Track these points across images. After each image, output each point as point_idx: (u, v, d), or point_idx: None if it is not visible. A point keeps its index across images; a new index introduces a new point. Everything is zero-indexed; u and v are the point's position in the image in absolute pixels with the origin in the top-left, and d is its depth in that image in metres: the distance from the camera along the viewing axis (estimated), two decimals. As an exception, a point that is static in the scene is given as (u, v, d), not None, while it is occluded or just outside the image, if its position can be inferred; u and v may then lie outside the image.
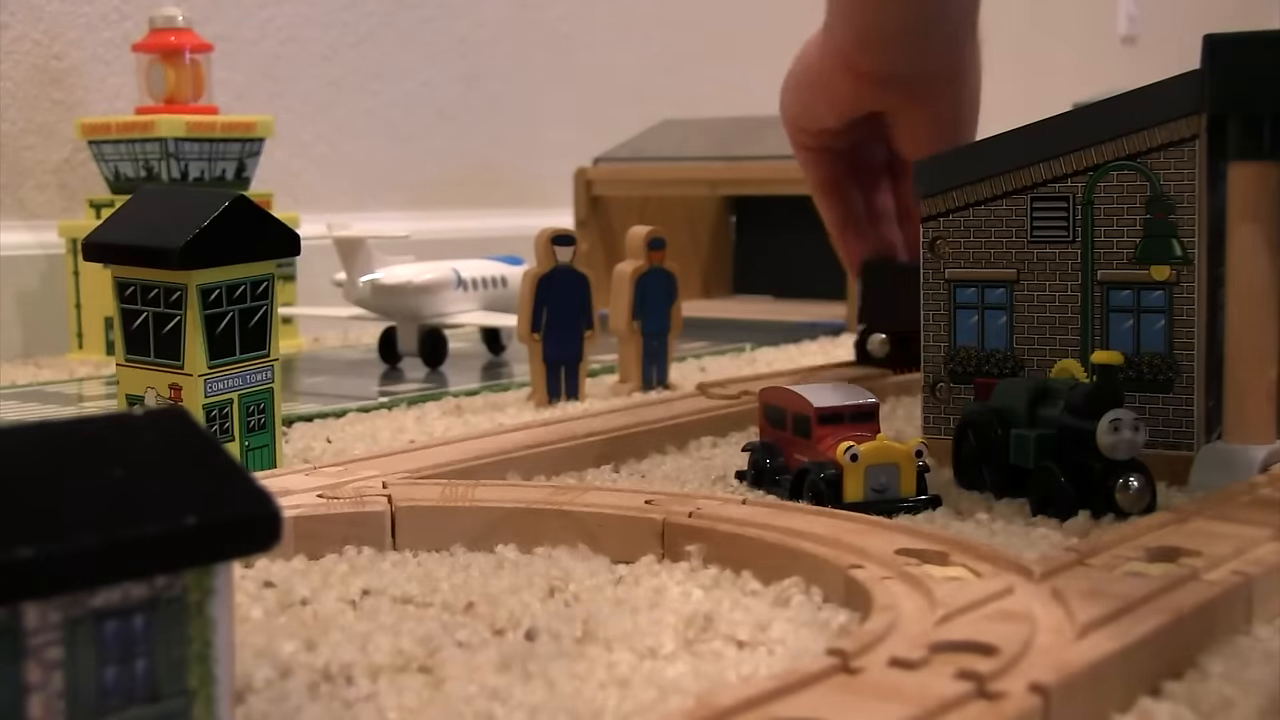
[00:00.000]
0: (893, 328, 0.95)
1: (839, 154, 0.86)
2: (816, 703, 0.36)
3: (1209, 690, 0.41)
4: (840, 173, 0.86)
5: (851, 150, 0.86)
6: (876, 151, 0.87)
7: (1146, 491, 0.61)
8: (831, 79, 0.78)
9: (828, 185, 0.87)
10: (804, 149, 0.87)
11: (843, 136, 0.84)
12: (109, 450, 0.32)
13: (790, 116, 0.85)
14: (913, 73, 0.76)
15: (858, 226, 0.87)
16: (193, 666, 0.32)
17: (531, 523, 0.59)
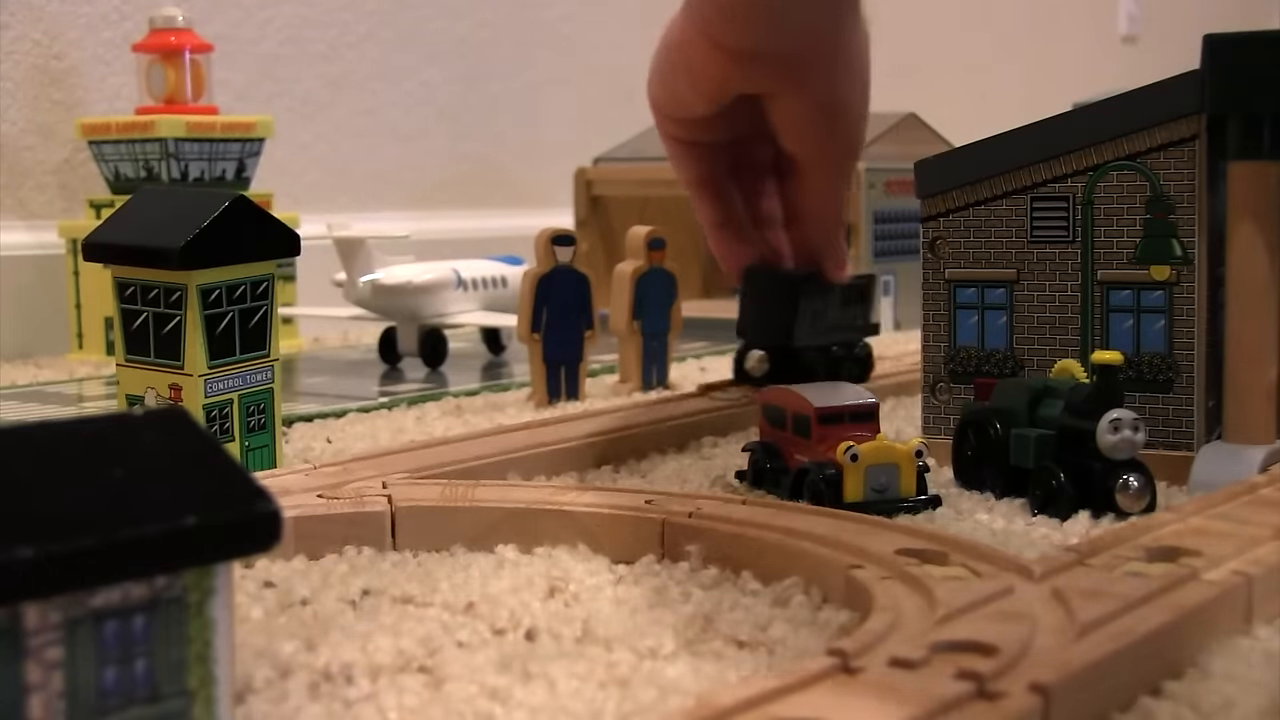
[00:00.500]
0: (773, 343, 0.84)
1: (716, 150, 0.76)
2: (816, 703, 0.36)
3: (1209, 690, 0.41)
4: (717, 170, 0.76)
5: (733, 148, 0.76)
6: (761, 150, 0.77)
7: (1146, 491, 0.61)
8: (693, 55, 0.69)
9: (701, 183, 0.77)
10: (673, 140, 0.76)
11: (717, 128, 0.74)
12: (109, 450, 0.32)
13: (654, 103, 0.76)
14: (782, 50, 0.67)
15: (737, 229, 0.77)
16: (193, 667, 0.32)
17: (531, 523, 0.59)
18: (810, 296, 0.79)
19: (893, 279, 1.41)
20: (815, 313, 0.80)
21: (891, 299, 1.41)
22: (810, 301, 0.79)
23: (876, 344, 0.93)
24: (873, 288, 0.89)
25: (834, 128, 0.71)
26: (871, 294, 0.89)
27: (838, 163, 0.72)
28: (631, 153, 1.58)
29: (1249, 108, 0.66)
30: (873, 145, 1.42)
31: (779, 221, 0.80)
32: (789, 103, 0.69)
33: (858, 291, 0.86)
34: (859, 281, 0.86)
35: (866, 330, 0.90)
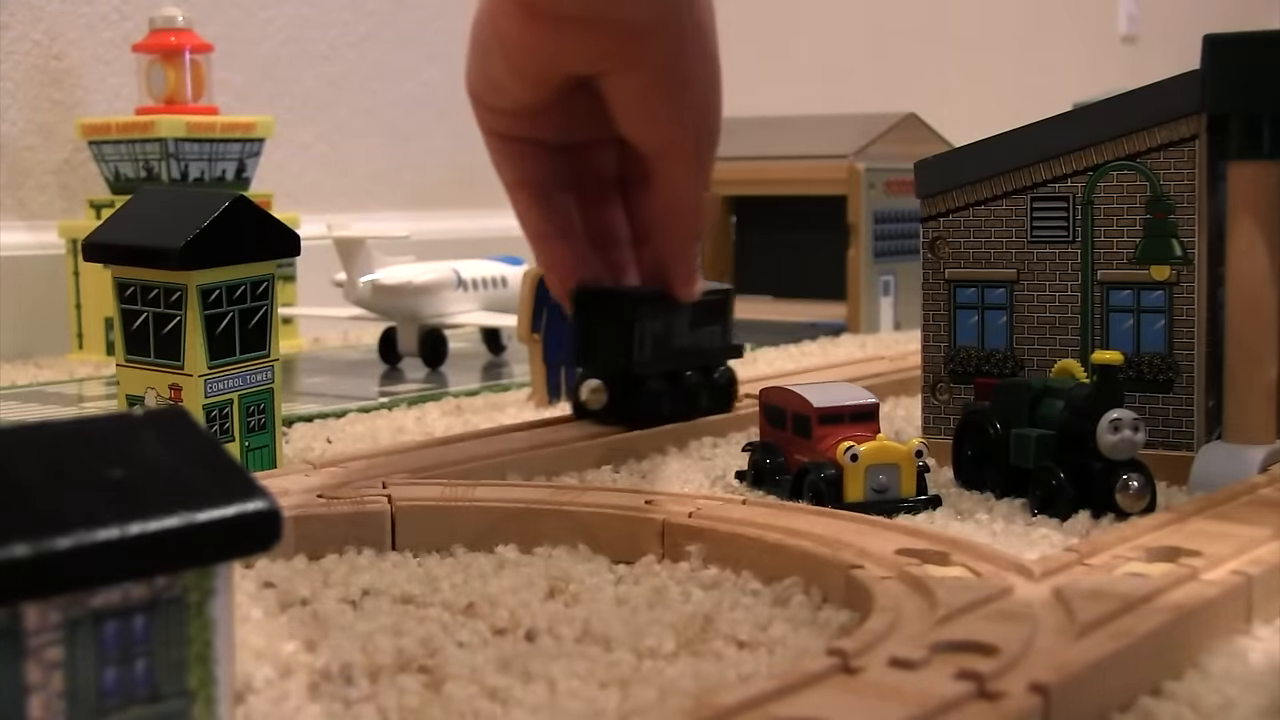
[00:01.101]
0: (609, 371, 0.76)
1: (546, 151, 0.66)
2: (816, 703, 0.36)
3: (1209, 690, 0.41)
4: (546, 174, 0.67)
5: (571, 154, 0.67)
6: (605, 159, 0.68)
7: (1146, 491, 0.61)
8: (506, 28, 0.60)
9: (523, 186, 0.67)
10: (494, 135, 0.66)
11: (547, 125, 0.65)
12: (109, 450, 0.32)
13: (470, 91, 0.66)
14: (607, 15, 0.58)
15: (569, 242, 0.67)
16: (193, 667, 0.32)
17: (531, 523, 0.59)
18: (652, 317, 0.72)
19: (893, 279, 1.41)
20: (659, 335, 0.72)
21: (891, 299, 1.41)
22: (651, 322, 0.72)
23: (877, 342, 0.92)
24: (729, 304, 0.80)
25: (679, 107, 0.62)
26: (729, 311, 0.80)
27: (688, 152, 0.63)
28: (631, 153, 1.58)
29: (1249, 108, 0.66)
30: (873, 145, 1.42)
31: (625, 239, 0.70)
32: (623, 80, 0.60)
33: (711, 309, 0.78)
34: (713, 297, 0.78)
35: (727, 353, 0.81)
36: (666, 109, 0.61)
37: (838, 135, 1.47)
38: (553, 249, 0.67)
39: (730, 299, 0.80)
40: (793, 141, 1.50)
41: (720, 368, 0.81)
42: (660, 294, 0.68)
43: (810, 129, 1.54)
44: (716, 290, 0.79)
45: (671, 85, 0.61)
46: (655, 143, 0.63)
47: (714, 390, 0.81)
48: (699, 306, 0.74)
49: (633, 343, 0.70)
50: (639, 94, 0.61)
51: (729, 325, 0.80)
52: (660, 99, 0.61)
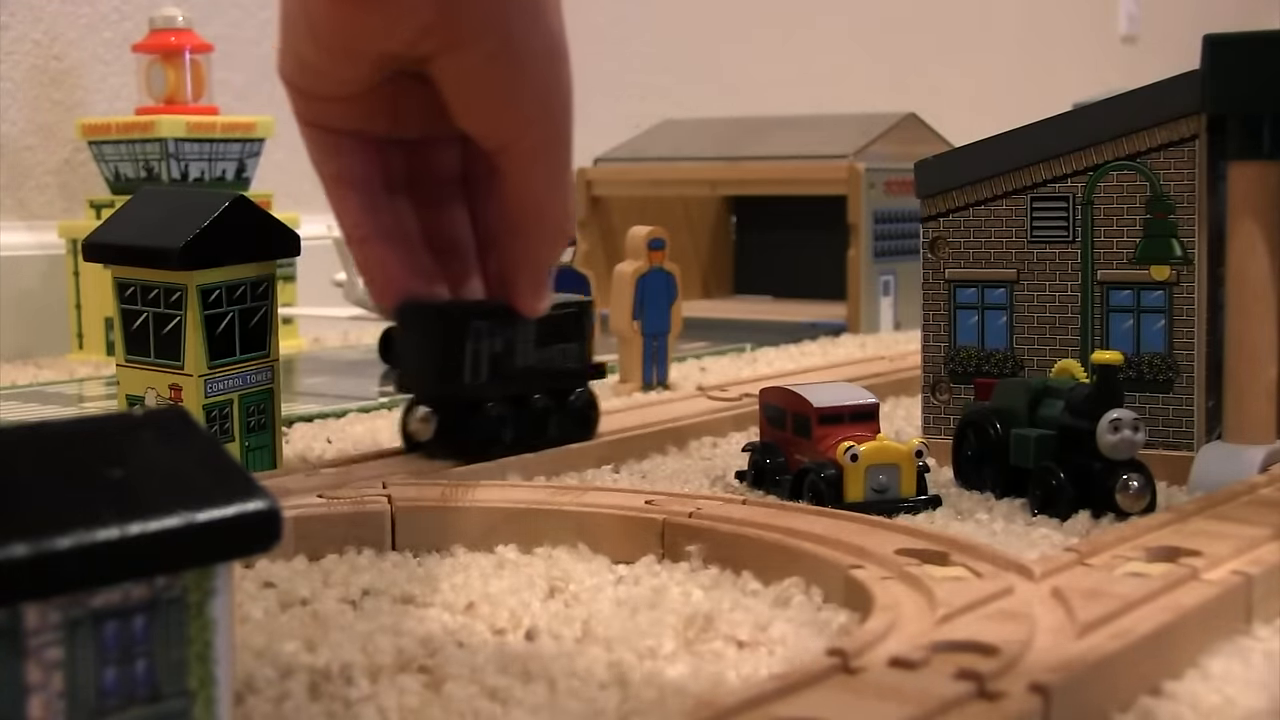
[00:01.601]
0: (436, 395, 0.68)
1: (373, 145, 0.59)
2: (816, 703, 0.36)
3: (1209, 690, 0.41)
4: (370, 169, 0.60)
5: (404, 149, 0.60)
6: (444, 157, 0.62)
7: (1146, 491, 0.61)
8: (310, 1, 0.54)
9: (343, 181, 0.59)
10: (309, 125, 0.60)
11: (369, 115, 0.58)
12: (109, 450, 0.32)
13: (280, 72, 0.60)
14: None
15: (396, 247, 0.60)
16: (193, 667, 0.32)
17: (531, 523, 0.58)
18: (489, 333, 0.64)
19: (893, 279, 1.41)
20: (497, 355, 0.65)
21: (891, 299, 1.41)
22: (488, 340, 0.65)
23: (877, 342, 0.91)
24: (586, 319, 0.72)
25: (517, 92, 0.55)
26: (586, 327, 0.72)
27: (533, 145, 0.57)
28: (631, 153, 1.58)
29: (1249, 108, 0.66)
30: (873, 145, 1.43)
31: (469, 249, 0.63)
32: (450, 62, 0.53)
33: (564, 325, 0.70)
34: (566, 311, 0.70)
35: (585, 374, 0.73)
36: (502, 95, 0.55)
37: (838, 135, 1.47)
38: (374, 254, 0.60)
39: (588, 313, 0.72)
40: (793, 141, 1.50)
41: (577, 390, 0.72)
42: (502, 308, 0.62)
43: (810, 129, 1.54)
44: (571, 303, 0.71)
45: (505, 67, 0.54)
46: (494, 135, 0.56)
47: (568, 415, 0.72)
48: (549, 322, 0.67)
49: (463, 363, 0.63)
50: (469, 78, 0.54)
51: (588, 342, 0.72)
52: (494, 83, 0.54)
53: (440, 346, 0.63)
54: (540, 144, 0.57)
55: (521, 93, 0.55)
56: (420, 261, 0.61)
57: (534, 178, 0.58)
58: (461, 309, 0.63)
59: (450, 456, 0.67)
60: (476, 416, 0.67)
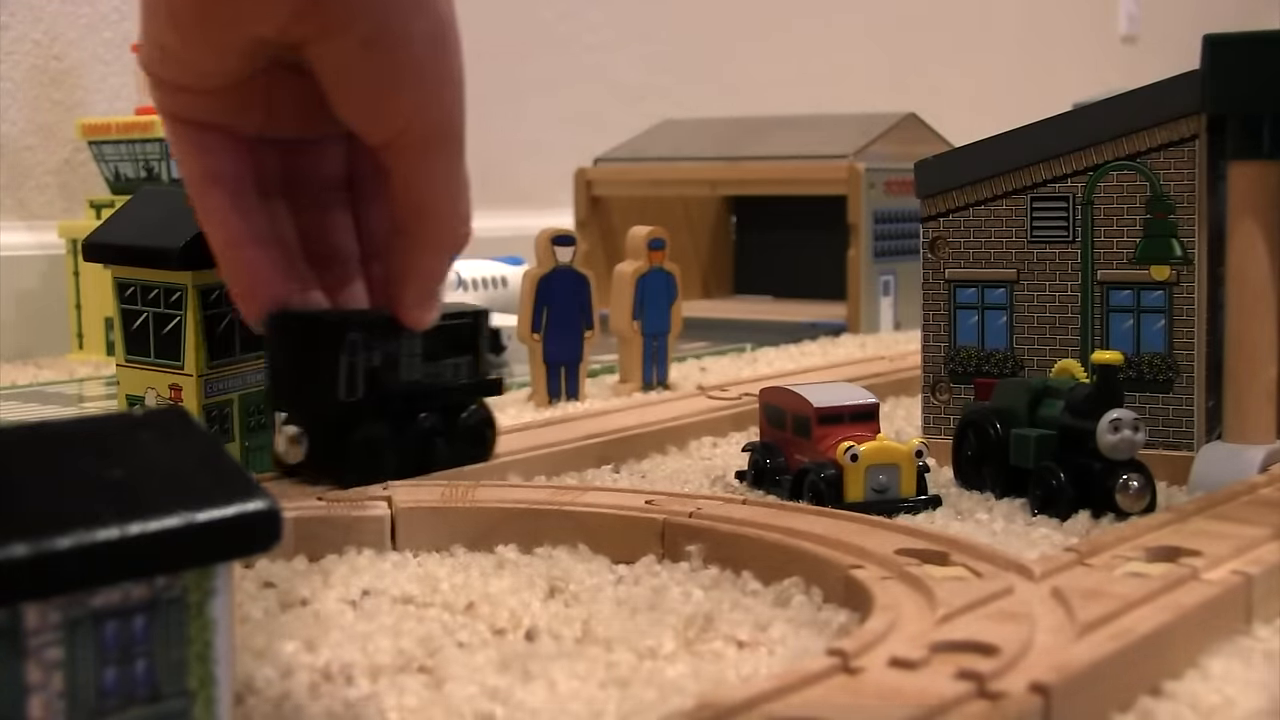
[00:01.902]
0: (306, 413, 0.62)
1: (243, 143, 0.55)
2: (816, 703, 0.36)
3: (1209, 690, 0.41)
4: (240, 169, 0.55)
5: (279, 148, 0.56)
6: (326, 158, 0.58)
7: (1146, 491, 0.61)
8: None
9: (215, 181, 0.55)
10: (172, 119, 0.55)
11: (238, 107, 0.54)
12: (109, 450, 0.32)
13: (141, 61, 0.54)
14: None
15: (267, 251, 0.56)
16: (193, 667, 0.32)
17: (531, 523, 0.58)
18: (364, 347, 0.59)
19: (893, 279, 1.41)
20: (375, 370, 0.60)
21: (891, 299, 1.41)
22: (363, 353, 0.60)
23: (877, 342, 0.91)
24: (481, 329, 0.66)
25: (398, 76, 0.50)
26: (479, 338, 0.66)
27: (420, 140, 0.53)
28: (631, 153, 1.58)
29: (1249, 108, 0.66)
30: (873, 145, 1.42)
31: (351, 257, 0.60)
32: (326, 49, 0.49)
33: (455, 336, 0.65)
34: (458, 322, 0.65)
35: (478, 389, 0.67)
36: (382, 83, 0.50)
37: (838, 135, 1.47)
38: (242, 259, 0.56)
39: (482, 323, 0.66)
40: (793, 141, 1.50)
41: (470, 407, 0.66)
42: (385, 319, 0.58)
43: (810, 129, 1.54)
44: (463, 313, 0.65)
45: (385, 52, 0.49)
46: (377, 128, 0.52)
47: (460, 435, 0.66)
48: (437, 334, 0.62)
49: (337, 378, 0.58)
50: (345, 65, 0.50)
51: (482, 355, 0.66)
52: (373, 71, 0.50)
53: (313, 359, 0.59)
54: (428, 138, 0.52)
55: (403, 81, 0.50)
56: (294, 268, 0.57)
57: (421, 175, 0.53)
58: (336, 318, 0.59)
59: (323, 482, 0.62)
60: (357, 436, 0.61)
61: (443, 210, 0.55)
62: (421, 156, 0.53)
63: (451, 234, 0.56)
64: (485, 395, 0.67)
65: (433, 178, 0.53)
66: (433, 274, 0.57)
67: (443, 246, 0.56)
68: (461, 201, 0.55)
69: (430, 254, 0.56)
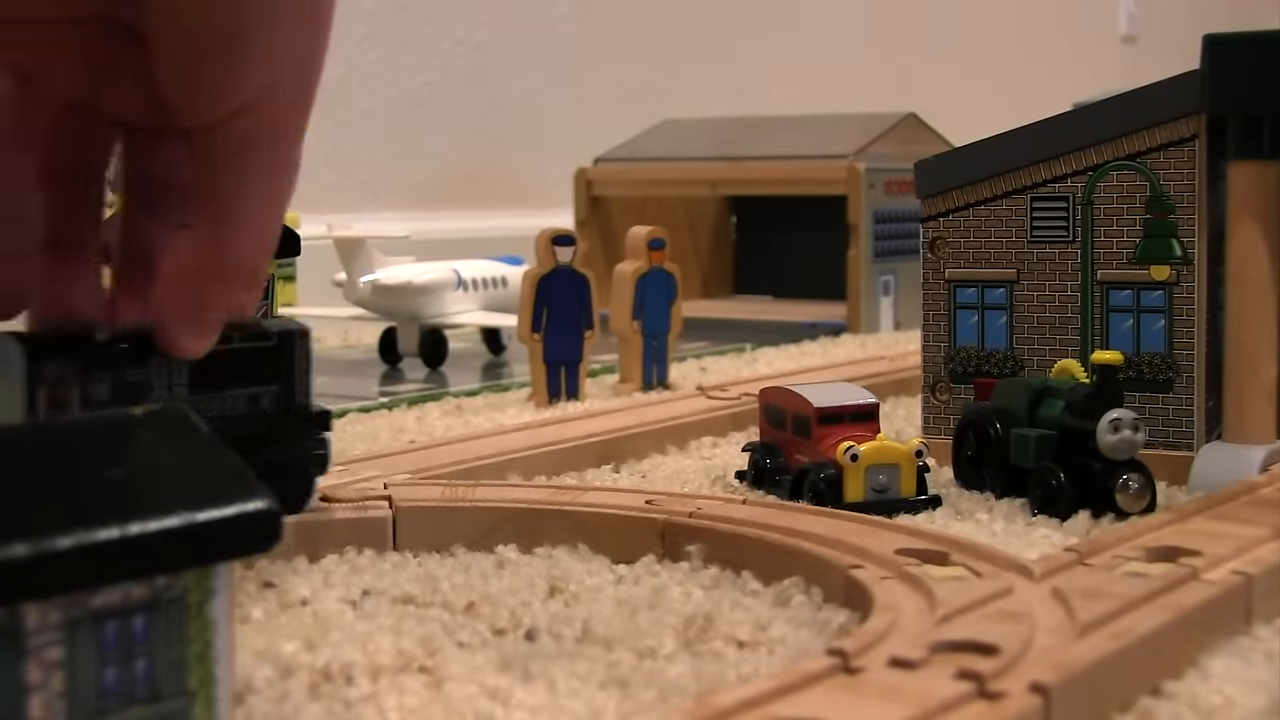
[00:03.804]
0: None
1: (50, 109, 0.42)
2: (816, 703, 0.36)
3: (1209, 690, 0.41)
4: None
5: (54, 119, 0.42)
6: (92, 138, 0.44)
7: (1146, 491, 0.61)
8: None
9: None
10: None
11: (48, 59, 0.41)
12: (109, 450, 0.32)
13: None
14: None
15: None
16: (193, 667, 0.32)
17: (532, 523, 0.58)
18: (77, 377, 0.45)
19: (893, 279, 1.41)
20: (101, 403, 0.46)
21: (891, 299, 1.41)
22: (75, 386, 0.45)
23: (877, 342, 0.90)
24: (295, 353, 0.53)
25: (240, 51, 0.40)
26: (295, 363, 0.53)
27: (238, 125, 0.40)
28: (631, 153, 1.58)
29: (1249, 108, 0.66)
30: (873, 145, 1.43)
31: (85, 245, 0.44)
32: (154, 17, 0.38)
33: (252, 362, 0.51)
34: (255, 345, 0.51)
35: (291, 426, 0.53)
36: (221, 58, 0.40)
37: (838, 135, 1.47)
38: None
39: (297, 346, 0.53)
40: (793, 141, 1.50)
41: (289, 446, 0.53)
42: (139, 337, 0.45)
43: (810, 129, 1.54)
44: (260, 334, 0.51)
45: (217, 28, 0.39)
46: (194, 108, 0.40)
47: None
48: (221, 360, 0.48)
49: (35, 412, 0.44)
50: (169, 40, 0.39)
51: (296, 385, 0.53)
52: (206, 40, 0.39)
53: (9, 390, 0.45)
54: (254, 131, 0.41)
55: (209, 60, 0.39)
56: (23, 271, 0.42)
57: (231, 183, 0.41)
58: (32, 338, 0.44)
59: None
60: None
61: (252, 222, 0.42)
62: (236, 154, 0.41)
63: (248, 258, 0.43)
64: (303, 433, 0.54)
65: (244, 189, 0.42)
66: (212, 304, 0.44)
67: (238, 267, 0.43)
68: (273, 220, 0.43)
69: (217, 284, 0.43)
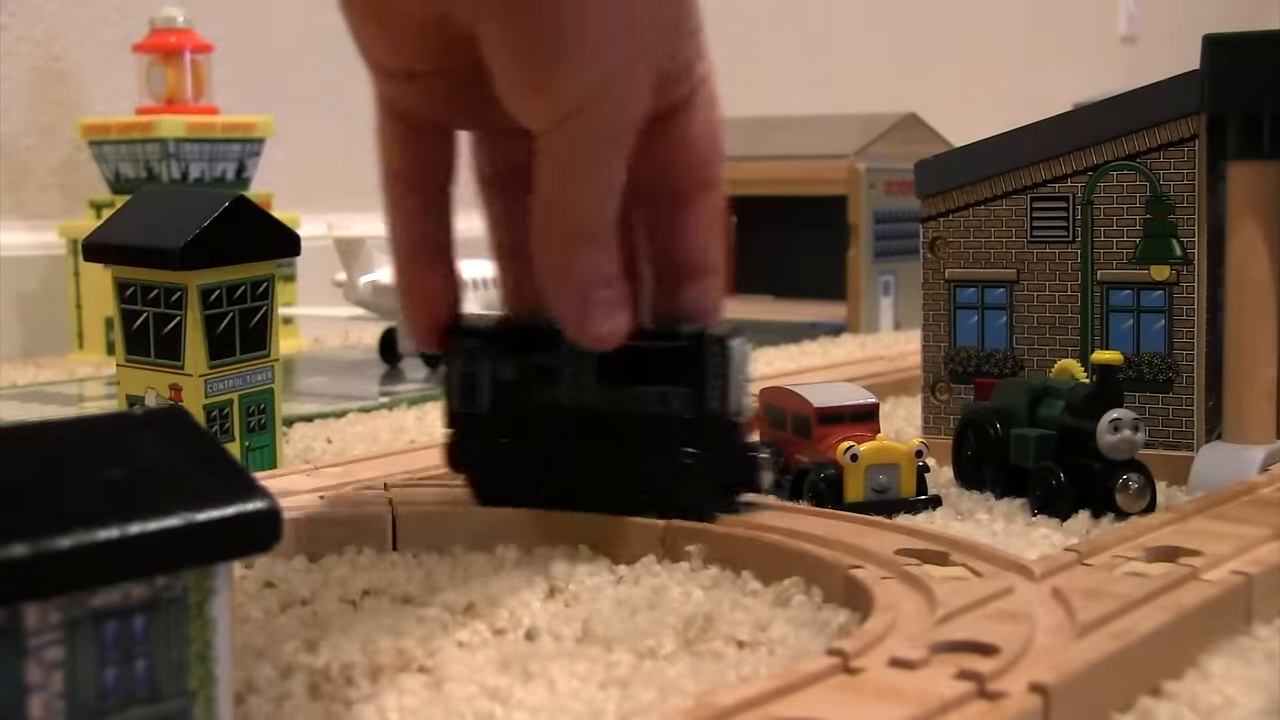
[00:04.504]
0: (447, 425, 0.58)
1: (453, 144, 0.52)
2: (816, 703, 0.36)
3: (1209, 690, 0.41)
4: (442, 172, 0.53)
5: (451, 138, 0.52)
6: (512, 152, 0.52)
7: (1146, 491, 0.61)
8: None
9: (411, 184, 0.52)
10: (386, 110, 0.51)
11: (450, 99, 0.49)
12: (109, 450, 0.32)
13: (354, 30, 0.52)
14: None
15: (440, 265, 0.53)
16: (193, 667, 0.32)
17: (532, 523, 0.58)
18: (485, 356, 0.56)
19: (893, 279, 1.41)
20: (508, 383, 0.56)
21: (891, 299, 1.41)
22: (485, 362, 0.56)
23: (877, 342, 0.90)
24: (700, 359, 0.54)
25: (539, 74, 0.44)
26: (700, 370, 0.54)
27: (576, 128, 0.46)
28: (631, 153, 1.58)
29: (1249, 108, 0.66)
30: (873, 145, 1.43)
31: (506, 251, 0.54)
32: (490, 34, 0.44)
33: (654, 361, 0.54)
34: (657, 345, 0.54)
35: (694, 428, 0.54)
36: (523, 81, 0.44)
37: (838, 135, 1.47)
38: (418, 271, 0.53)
39: (710, 350, 0.54)
40: (793, 141, 1.50)
41: (699, 450, 0.55)
42: (531, 330, 0.54)
43: (810, 129, 1.54)
44: (672, 334, 0.54)
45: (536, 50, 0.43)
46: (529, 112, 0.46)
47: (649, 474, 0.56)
48: (633, 356, 0.53)
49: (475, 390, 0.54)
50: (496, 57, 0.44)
51: (711, 389, 0.54)
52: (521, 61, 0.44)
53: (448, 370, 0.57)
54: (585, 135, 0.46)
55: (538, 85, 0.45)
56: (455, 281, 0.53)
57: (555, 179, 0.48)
58: (464, 325, 0.56)
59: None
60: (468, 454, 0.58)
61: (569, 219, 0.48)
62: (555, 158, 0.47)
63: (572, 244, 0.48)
64: (707, 438, 0.55)
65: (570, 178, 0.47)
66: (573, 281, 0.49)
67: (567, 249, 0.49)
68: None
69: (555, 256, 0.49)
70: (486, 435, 0.57)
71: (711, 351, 0.53)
